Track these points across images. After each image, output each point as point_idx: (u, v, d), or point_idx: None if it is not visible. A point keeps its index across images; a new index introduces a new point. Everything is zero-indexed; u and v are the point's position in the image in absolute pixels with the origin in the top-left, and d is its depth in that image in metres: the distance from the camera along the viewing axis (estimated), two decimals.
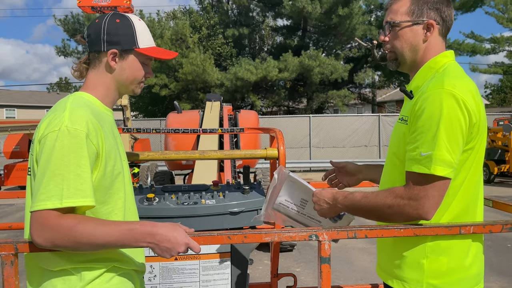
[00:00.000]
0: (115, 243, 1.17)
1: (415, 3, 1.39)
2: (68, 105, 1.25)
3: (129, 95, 1.46)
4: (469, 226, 1.26)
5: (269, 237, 1.17)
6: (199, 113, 6.84)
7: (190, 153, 1.81)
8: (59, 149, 1.16)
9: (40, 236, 1.13)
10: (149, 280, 1.90)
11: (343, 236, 1.20)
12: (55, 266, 1.23)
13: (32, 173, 1.24)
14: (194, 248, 1.18)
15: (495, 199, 1.65)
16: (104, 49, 1.34)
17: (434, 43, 1.41)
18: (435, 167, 1.24)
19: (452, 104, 1.25)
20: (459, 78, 1.34)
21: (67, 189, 1.14)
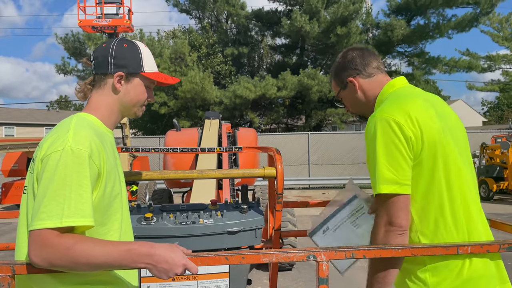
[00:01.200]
0: (113, 264, 1.16)
1: (335, 76, 1.69)
2: (72, 125, 1.27)
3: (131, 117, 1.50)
4: (467, 246, 1.26)
5: (267, 258, 1.17)
6: (198, 130, 6.85)
7: (188, 173, 1.82)
8: (62, 168, 1.17)
9: (38, 256, 1.12)
10: None
11: (341, 257, 1.19)
12: (47, 287, 1.23)
13: (30, 192, 1.25)
14: (192, 269, 1.18)
15: (493, 218, 1.65)
16: (110, 71, 1.39)
17: (365, 87, 1.61)
18: (380, 186, 1.36)
19: (384, 127, 1.38)
20: (396, 101, 1.45)
21: (68, 208, 1.15)
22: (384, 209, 1.36)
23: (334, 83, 1.70)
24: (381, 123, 1.38)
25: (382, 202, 1.37)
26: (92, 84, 1.42)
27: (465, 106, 37.03)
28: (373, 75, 1.60)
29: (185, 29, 23.43)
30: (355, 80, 1.60)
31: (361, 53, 1.62)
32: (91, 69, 1.43)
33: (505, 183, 12.47)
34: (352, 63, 1.61)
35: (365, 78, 1.60)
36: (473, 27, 18.46)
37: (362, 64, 1.60)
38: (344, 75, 1.63)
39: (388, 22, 18.72)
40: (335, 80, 1.68)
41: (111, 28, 13.09)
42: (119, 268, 1.20)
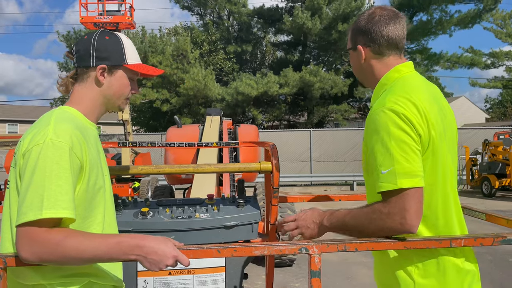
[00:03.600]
0: (103, 256, 1.17)
1: (351, 32, 1.56)
2: (53, 119, 1.26)
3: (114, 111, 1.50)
4: (460, 239, 1.26)
5: (259, 251, 1.17)
6: (199, 127, 6.86)
7: (184, 167, 1.82)
8: (42, 161, 1.16)
9: (27, 251, 1.12)
10: None
11: (333, 249, 1.19)
12: (29, 280, 1.23)
13: (13, 187, 1.25)
14: (183, 261, 1.18)
15: (489, 212, 1.64)
16: (93, 64, 1.36)
17: (373, 63, 1.51)
18: (400, 181, 1.26)
19: (395, 119, 1.30)
20: (403, 92, 1.37)
21: (47, 199, 1.14)
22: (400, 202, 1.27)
23: (348, 38, 1.59)
24: (391, 115, 1.31)
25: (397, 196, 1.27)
26: (74, 78, 1.40)
27: (468, 102, 36.89)
28: (384, 54, 1.49)
29: (187, 26, 23.42)
30: (363, 51, 1.51)
31: (388, 23, 1.47)
32: (73, 62, 1.41)
33: (507, 180, 12.43)
34: (373, 31, 1.47)
35: (374, 54, 1.50)
36: (476, 23, 18.38)
37: (382, 39, 1.47)
38: (358, 39, 1.51)
39: None
40: (350, 37, 1.57)
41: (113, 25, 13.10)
42: (109, 261, 1.21)
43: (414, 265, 1.35)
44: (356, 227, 1.35)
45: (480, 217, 1.68)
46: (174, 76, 17.61)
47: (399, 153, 1.28)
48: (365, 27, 1.48)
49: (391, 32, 1.46)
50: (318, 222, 1.44)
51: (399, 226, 1.27)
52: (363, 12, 1.58)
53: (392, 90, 1.41)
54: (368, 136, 1.37)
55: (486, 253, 6.34)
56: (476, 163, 13.90)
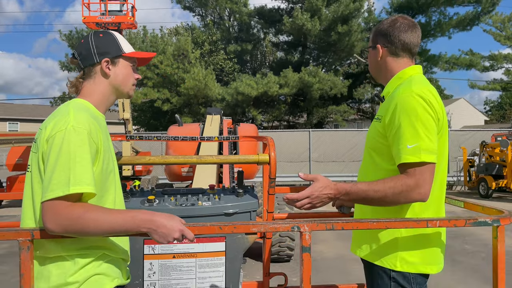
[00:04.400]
0: (119, 229, 1.32)
1: (374, 33, 1.79)
2: (71, 109, 1.43)
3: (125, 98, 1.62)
4: (435, 220, 1.41)
5: (256, 228, 1.32)
6: (199, 126, 7.00)
7: (188, 158, 1.96)
8: (66, 145, 1.33)
9: (53, 223, 1.27)
10: (148, 276, 2.04)
11: (322, 228, 1.34)
12: (51, 253, 1.38)
13: (35, 169, 1.40)
14: (188, 235, 1.32)
15: (466, 201, 1.79)
16: (97, 60, 1.53)
17: (388, 61, 1.74)
18: (424, 155, 1.48)
19: (423, 103, 1.52)
20: (424, 85, 1.60)
21: (73, 177, 1.30)
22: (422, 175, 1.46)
23: (371, 37, 1.82)
24: (420, 100, 1.51)
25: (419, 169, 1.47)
26: (83, 78, 1.56)
27: (467, 105, 37.03)
28: (399, 56, 1.71)
29: (188, 26, 23.57)
30: (381, 50, 1.73)
31: (407, 32, 1.69)
32: (78, 66, 1.58)
33: (504, 181, 12.55)
34: (392, 35, 1.70)
35: (390, 54, 1.72)
36: (475, 25, 18.54)
37: (399, 44, 1.69)
38: (378, 39, 1.74)
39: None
40: (372, 36, 1.80)
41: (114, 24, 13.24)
42: (124, 233, 1.35)
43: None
44: (374, 198, 1.52)
45: (459, 205, 1.82)
46: (175, 76, 17.75)
47: (424, 132, 1.49)
48: (386, 30, 1.71)
49: (407, 38, 1.69)
50: (333, 197, 1.59)
51: (418, 196, 1.49)
52: (388, 18, 1.79)
53: (413, 82, 1.61)
54: (393, 115, 1.55)
55: (480, 251, 6.49)
56: (473, 165, 14.04)
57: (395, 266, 1.58)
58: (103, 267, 1.43)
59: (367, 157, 1.72)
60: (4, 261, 6.17)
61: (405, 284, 1.57)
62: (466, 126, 28.39)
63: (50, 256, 1.38)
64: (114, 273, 1.47)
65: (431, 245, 1.58)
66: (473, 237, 7.48)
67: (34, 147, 1.44)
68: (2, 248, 6.97)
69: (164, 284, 2.04)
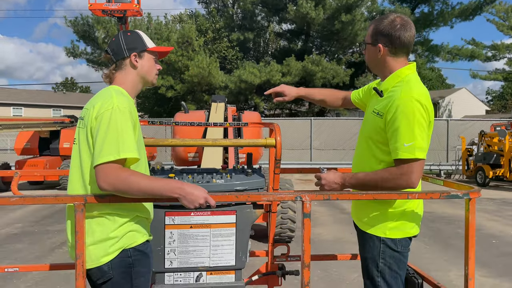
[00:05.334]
0: (155, 192, 1.61)
1: (374, 31, 1.95)
2: (113, 92, 1.75)
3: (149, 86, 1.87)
4: (415, 193, 1.69)
5: (266, 197, 1.60)
6: (205, 113, 7.26)
7: (204, 141, 2.24)
8: (113, 121, 1.63)
9: (105, 182, 1.57)
10: (169, 243, 2.33)
11: (320, 198, 1.63)
12: (95, 211, 1.68)
13: (82, 141, 1.71)
14: (211, 201, 1.62)
15: (445, 179, 2.08)
16: (127, 54, 1.85)
17: (387, 60, 1.94)
18: (418, 153, 1.76)
19: (420, 109, 1.78)
20: (421, 88, 1.86)
21: (122, 146, 1.61)
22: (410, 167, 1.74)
23: (370, 33, 1.95)
24: (418, 105, 1.76)
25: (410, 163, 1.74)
26: (115, 69, 1.88)
27: (468, 94, 37.11)
28: (398, 56, 1.90)
29: (191, 13, 23.64)
30: (383, 49, 1.90)
31: (406, 31, 1.87)
32: (111, 60, 1.88)
33: (501, 170, 12.79)
34: (393, 36, 1.86)
35: (390, 54, 1.90)
36: (477, 15, 18.60)
37: (399, 44, 1.87)
38: (380, 38, 1.90)
39: (392, 9, 18.89)
40: (371, 33, 1.93)
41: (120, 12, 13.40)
42: (159, 196, 1.64)
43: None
44: (373, 186, 1.82)
45: (439, 183, 2.11)
46: (179, 63, 17.95)
47: (418, 133, 1.75)
48: (388, 31, 1.89)
49: (406, 38, 1.90)
50: (339, 183, 1.90)
51: (405, 184, 1.78)
52: (386, 15, 1.96)
53: (412, 84, 1.85)
54: (394, 116, 1.79)
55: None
56: (472, 154, 14.27)
57: (384, 234, 1.88)
58: (135, 225, 1.76)
59: (365, 146, 1.97)
60: (19, 239, 6.50)
61: (392, 245, 1.88)
62: (467, 116, 28.54)
63: (95, 217, 1.69)
64: (143, 230, 1.80)
65: (411, 216, 1.89)
66: None
67: (81, 124, 1.75)
68: (15, 228, 7.31)
69: (182, 250, 2.33)
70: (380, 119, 1.87)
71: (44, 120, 13.68)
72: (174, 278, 2.34)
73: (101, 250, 1.67)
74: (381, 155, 1.88)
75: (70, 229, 1.77)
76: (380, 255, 1.89)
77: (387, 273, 1.90)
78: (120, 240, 1.70)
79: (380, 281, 1.91)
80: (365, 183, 1.85)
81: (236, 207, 2.33)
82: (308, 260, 1.59)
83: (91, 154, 1.66)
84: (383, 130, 1.85)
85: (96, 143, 1.63)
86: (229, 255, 2.35)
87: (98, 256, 1.67)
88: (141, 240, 1.77)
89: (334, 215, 8.22)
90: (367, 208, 1.92)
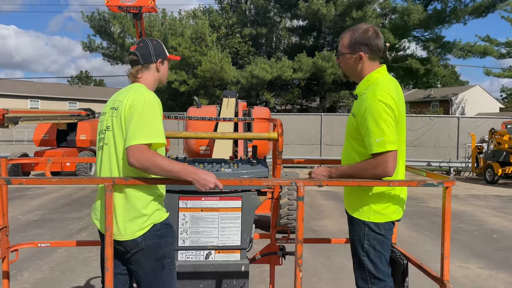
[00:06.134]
0: (174, 173, 1.91)
1: (352, 41, 2.18)
2: (143, 88, 2.09)
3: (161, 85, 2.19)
4: (395, 181, 1.95)
5: (266, 182, 1.87)
6: (216, 108, 7.54)
7: (214, 133, 2.52)
8: (146, 111, 1.95)
9: (135, 159, 1.88)
10: (182, 224, 2.62)
11: (311, 184, 1.90)
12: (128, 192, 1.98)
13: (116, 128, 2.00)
14: (219, 185, 1.91)
15: (427, 171, 2.33)
16: (154, 60, 2.19)
17: (366, 65, 2.19)
18: (388, 145, 2.00)
19: (384, 107, 2.02)
20: (386, 88, 2.09)
21: (153, 132, 1.93)
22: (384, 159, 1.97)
23: (345, 44, 2.16)
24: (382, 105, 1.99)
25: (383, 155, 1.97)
26: (141, 70, 2.20)
27: (482, 92, 36.79)
28: (374, 60, 2.15)
29: (205, 9, 23.92)
30: (364, 57, 2.13)
31: (379, 38, 2.14)
32: (137, 61, 2.18)
33: (510, 168, 12.82)
34: (371, 44, 2.11)
35: (369, 60, 2.14)
36: (490, 12, 18.50)
37: (376, 50, 2.13)
38: (360, 47, 2.12)
39: (405, 6, 18.91)
40: (349, 44, 2.15)
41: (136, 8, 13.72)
42: (176, 178, 1.93)
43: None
44: (354, 176, 2.07)
45: (421, 174, 2.36)
46: (192, 58, 18.27)
47: (386, 128, 1.98)
48: (367, 40, 2.13)
49: (380, 45, 2.18)
50: (326, 174, 2.17)
51: (382, 173, 2.02)
52: (358, 26, 2.22)
53: (377, 86, 2.09)
54: (363, 116, 2.04)
55: (474, 230, 6.99)
56: (482, 151, 14.30)
57: (368, 218, 2.14)
58: (159, 204, 2.09)
59: (347, 143, 2.26)
60: (39, 225, 6.89)
61: (375, 229, 2.14)
62: (480, 113, 28.33)
63: (128, 197, 1.99)
64: (164, 208, 2.13)
65: (393, 202, 2.14)
66: (470, 218, 7.97)
67: (114, 113, 2.05)
68: (36, 215, 7.72)
69: (194, 230, 2.63)
70: (354, 119, 2.14)
71: (62, 112, 14.13)
72: (186, 256, 2.64)
73: (136, 226, 1.99)
74: (360, 149, 2.14)
75: (101, 205, 2.07)
76: (365, 237, 2.15)
77: (372, 253, 2.16)
78: (151, 217, 2.02)
79: (365, 260, 2.17)
80: (348, 173, 2.09)
81: (242, 194, 2.61)
82: (301, 236, 1.86)
83: (123, 138, 1.97)
84: (357, 129, 2.12)
85: (129, 128, 1.93)
86: (235, 236, 2.64)
87: (133, 231, 1.98)
88: (165, 216, 2.10)
89: (339, 208, 8.46)
90: (354, 195, 2.19)
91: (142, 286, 2.07)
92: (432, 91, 34.69)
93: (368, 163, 2.04)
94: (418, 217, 7.82)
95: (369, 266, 2.17)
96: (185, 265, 2.60)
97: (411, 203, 9.18)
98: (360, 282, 2.21)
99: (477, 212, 8.67)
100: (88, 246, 5.52)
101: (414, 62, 19.84)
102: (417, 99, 34.36)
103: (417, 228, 6.92)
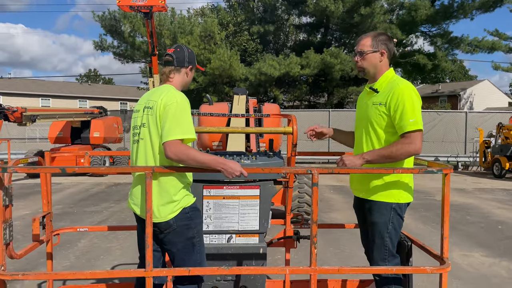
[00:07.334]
0: (205, 164, 2.17)
1: (374, 41, 2.51)
2: (174, 89, 2.35)
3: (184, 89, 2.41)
4: (399, 169, 2.21)
5: (284, 170, 2.13)
6: (227, 105, 7.80)
7: (231, 128, 2.78)
8: (179, 110, 2.22)
9: (172, 152, 2.14)
10: (206, 211, 2.89)
11: (325, 172, 2.15)
12: (162, 181, 2.25)
13: (152, 124, 2.25)
14: (244, 173, 2.17)
15: (429, 161, 2.57)
16: (186, 65, 2.46)
17: (384, 63, 2.52)
18: (420, 125, 2.32)
19: (416, 95, 2.37)
20: (408, 82, 2.43)
21: (185, 129, 2.20)
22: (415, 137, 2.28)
23: (368, 44, 2.48)
24: (414, 91, 2.34)
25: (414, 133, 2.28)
26: (173, 72, 2.45)
27: (491, 86, 36.60)
28: (389, 61, 2.50)
29: (213, 7, 24.16)
30: (385, 54, 2.48)
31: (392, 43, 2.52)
32: (171, 63, 2.42)
33: None
34: (388, 45, 2.48)
35: (387, 59, 2.49)
36: (498, 7, 18.51)
37: (391, 51, 2.51)
38: (384, 45, 2.47)
39: (412, 2, 18.98)
40: (372, 43, 2.47)
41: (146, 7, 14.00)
42: (207, 167, 2.19)
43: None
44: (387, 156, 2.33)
45: (424, 163, 2.60)
46: (201, 56, 18.55)
47: (418, 111, 2.32)
48: (385, 41, 2.49)
49: (393, 48, 2.54)
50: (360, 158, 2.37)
51: (413, 151, 2.31)
52: (375, 31, 2.56)
53: (401, 80, 2.44)
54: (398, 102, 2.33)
55: (480, 222, 7.18)
56: (489, 146, 14.40)
57: (398, 200, 2.40)
58: (187, 190, 2.36)
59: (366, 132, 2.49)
60: (61, 219, 7.21)
61: (399, 211, 2.43)
62: (489, 108, 28.27)
63: (161, 184, 2.26)
64: (191, 194, 2.40)
65: (409, 185, 2.44)
66: (476, 210, 8.16)
67: (149, 112, 2.30)
68: (56, 209, 8.05)
69: (217, 216, 2.90)
70: (383, 107, 2.40)
71: (76, 110, 14.47)
72: (210, 239, 2.92)
73: (168, 209, 2.26)
74: (385, 136, 2.41)
75: (140, 191, 2.33)
76: (390, 219, 2.42)
77: (393, 234, 2.45)
78: (180, 202, 2.29)
79: (388, 240, 2.45)
80: (381, 155, 2.35)
81: (260, 183, 2.88)
82: (316, 218, 2.12)
83: (159, 134, 2.23)
84: (386, 114, 2.39)
85: (164, 126, 2.20)
86: (254, 221, 2.91)
87: (166, 214, 2.27)
88: (193, 200, 2.38)
89: (348, 202, 8.70)
90: (377, 181, 2.41)
91: (176, 263, 2.35)
92: (440, 86, 34.61)
93: (401, 141, 2.31)
94: (425, 209, 8.03)
95: (389, 245, 2.45)
96: (208, 247, 2.87)
97: (419, 196, 9.38)
98: (379, 261, 2.47)
99: (483, 204, 8.85)
100: (110, 237, 5.85)
101: (421, 58, 19.92)
102: (425, 94, 34.31)
103: (424, 220, 7.14)
